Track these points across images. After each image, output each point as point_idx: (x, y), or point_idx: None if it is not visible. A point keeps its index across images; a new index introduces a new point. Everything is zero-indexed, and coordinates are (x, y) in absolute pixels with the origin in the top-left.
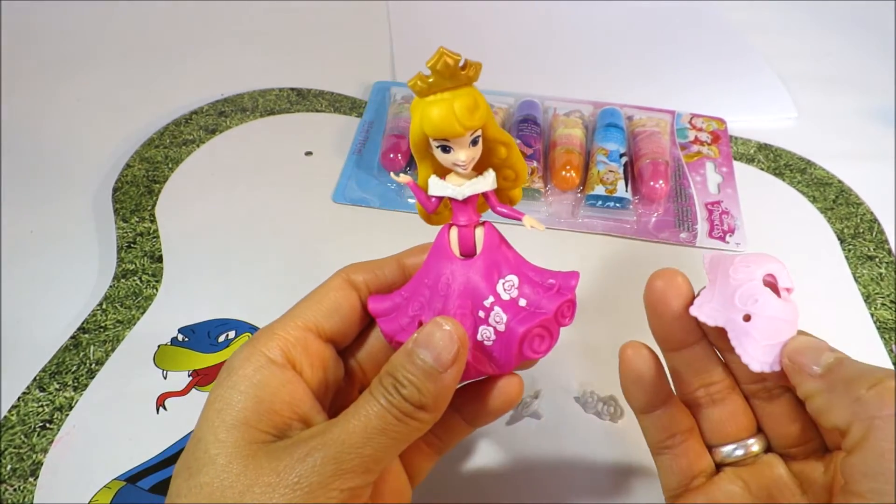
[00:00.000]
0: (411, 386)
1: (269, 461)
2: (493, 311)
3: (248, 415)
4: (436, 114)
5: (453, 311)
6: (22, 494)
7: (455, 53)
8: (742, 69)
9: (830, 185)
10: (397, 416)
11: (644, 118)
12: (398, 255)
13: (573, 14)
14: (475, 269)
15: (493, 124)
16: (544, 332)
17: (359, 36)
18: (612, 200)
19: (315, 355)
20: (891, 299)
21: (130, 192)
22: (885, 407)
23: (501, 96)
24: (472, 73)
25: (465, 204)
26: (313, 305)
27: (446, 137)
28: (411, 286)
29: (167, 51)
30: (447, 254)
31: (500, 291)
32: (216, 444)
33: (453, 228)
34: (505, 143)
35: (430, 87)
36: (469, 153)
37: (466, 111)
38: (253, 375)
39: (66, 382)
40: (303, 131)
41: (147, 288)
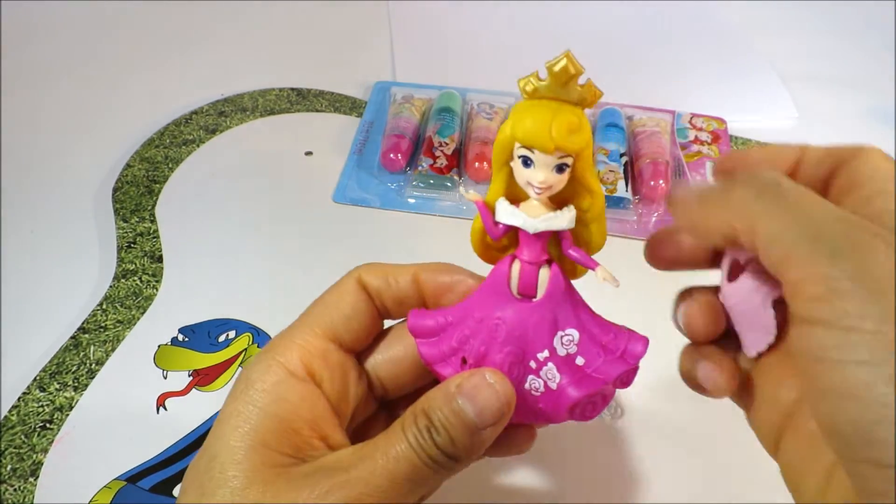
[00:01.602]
0: (446, 434)
1: (289, 490)
2: (546, 367)
3: (267, 436)
4: (532, 118)
5: (500, 358)
6: (22, 494)
7: (580, 65)
8: (742, 69)
9: None
10: (426, 462)
11: (644, 118)
12: (415, 267)
13: (573, 14)
14: (533, 315)
15: (589, 163)
16: (599, 400)
17: (359, 36)
18: (612, 200)
19: (336, 366)
20: None
21: (130, 192)
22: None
23: (501, 96)
24: (590, 96)
25: (536, 239)
26: (330, 311)
27: (532, 146)
28: (459, 312)
29: (167, 51)
30: (503, 290)
31: (556, 346)
32: (233, 465)
33: (516, 262)
34: (592, 193)
35: (539, 90)
36: (549, 177)
37: (566, 127)
38: (272, 390)
39: (67, 382)
40: (303, 131)
41: (147, 288)
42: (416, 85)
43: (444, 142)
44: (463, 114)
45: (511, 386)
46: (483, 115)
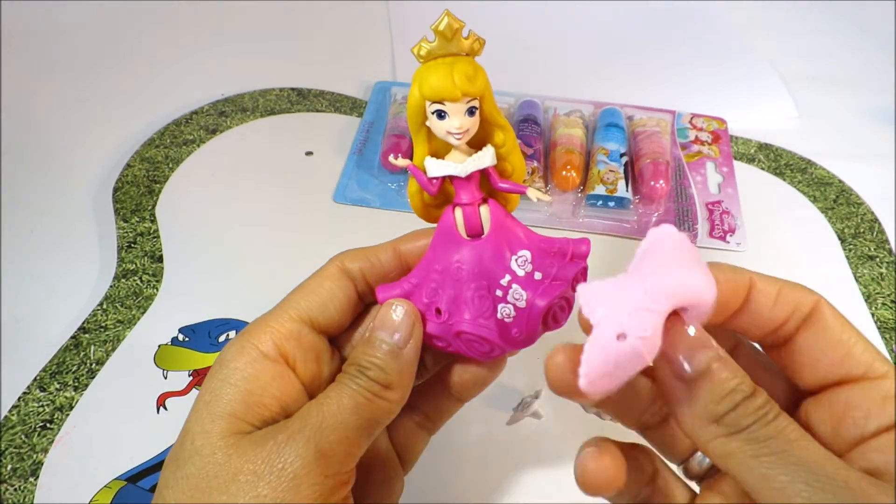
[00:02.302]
0: (375, 368)
1: (253, 447)
2: (511, 289)
3: (236, 407)
4: (434, 75)
5: (469, 294)
6: (22, 494)
7: (460, 20)
8: (742, 69)
9: (831, 185)
10: (367, 397)
11: (644, 118)
12: (393, 242)
13: (573, 14)
14: (486, 249)
15: (492, 103)
16: (564, 304)
17: (359, 36)
18: (613, 200)
19: (309, 348)
20: (891, 299)
21: (131, 192)
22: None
23: (502, 96)
24: (477, 46)
25: (468, 181)
26: (308, 296)
27: (442, 99)
28: (420, 272)
29: (168, 51)
30: (455, 236)
31: (514, 268)
32: (202, 434)
33: (457, 209)
34: (502, 127)
35: (432, 51)
36: (464, 122)
37: (464, 76)
38: (244, 368)
39: (67, 382)
40: (303, 131)
41: (147, 288)
42: None
43: None
44: None
45: (413, 304)
46: None
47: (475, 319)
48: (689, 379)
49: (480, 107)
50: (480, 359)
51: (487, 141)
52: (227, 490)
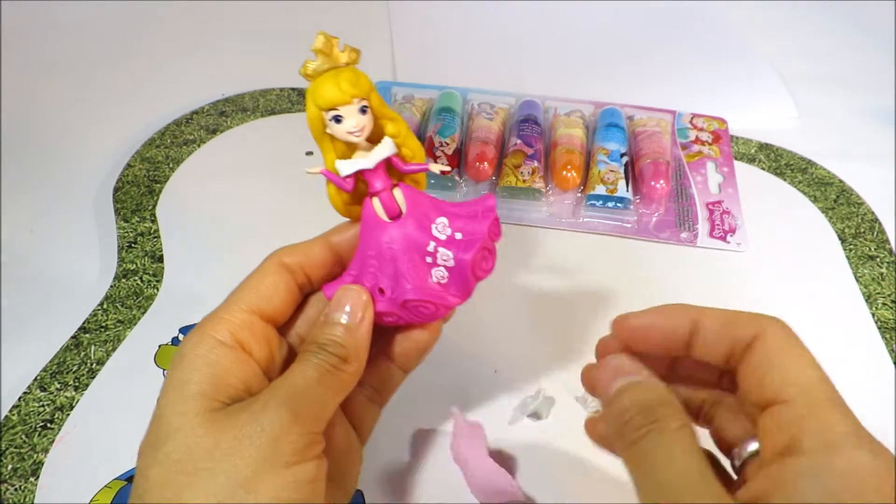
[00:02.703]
0: (334, 344)
1: (229, 419)
2: (438, 253)
3: (205, 388)
4: (323, 87)
5: (405, 267)
6: (23, 494)
7: (333, 36)
8: (743, 69)
9: (831, 185)
10: (328, 369)
11: (645, 118)
12: (325, 235)
13: (574, 14)
14: (408, 225)
15: (378, 100)
16: (486, 252)
17: (359, 36)
18: (613, 200)
19: (260, 335)
20: (892, 299)
21: (131, 191)
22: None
23: (502, 96)
24: (353, 55)
25: (376, 171)
26: (253, 290)
27: (335, 105)
28: (357, 263)
29: (168, 51)
30: (378, 222)
31: (436, 234)
32: (177, 416)
33: (374, 198)
34: (392, 119)
35: (317, 69)
36: (359, 120)
37: (349, 82)
38: (206, 355)
39: (67, 382)
40: (304, 131)
41: (148, 288)
42: (416, 85)
43: (445, 142)
44: (463, 114)
45: (364, 287)
46: (484, 116)
47: (416, 287)
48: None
49: (370, 105)
50: (429, 321)
51: (383, 134)
52: (212, 457)
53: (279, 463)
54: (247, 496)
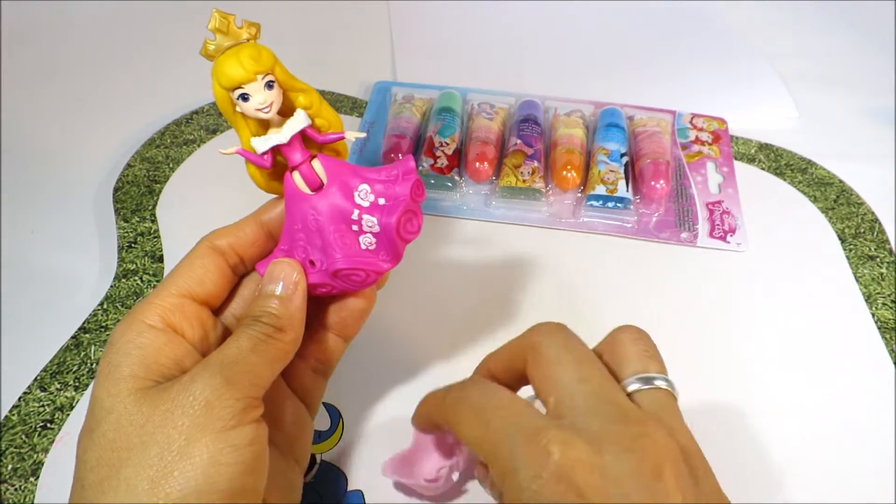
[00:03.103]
0: (268, 315)
1: (161, 394)
2: (363, 220)
3: (135, 369)
4: (225, 66)
5: (332, 237)
6: (23, 494)
7: (228, 14)
8: (743, 69)
9: (831, 185)
10: (262, 339)
11: (645, 118)
12: (255, 213)
13: (574, 14)
14: (331, 195)
15: (284, 73)
16: (411, 215)
17: (359, 36)
18: (613, 200)
19: (193, 316)
20: (892, 299)
21: (131, 191)
22: None
23: (502, 96)
24: (254, 31)
25: (292, 145)
26: (183, 274)
27: (239, 84)
28: (286, 238)
29: (168, 51)
30: (301, 195)
31: (359, 202)
32: (109, 398)
33: (294, 172)
34: (302, 90)
35: (217, 49)
36: (266, 96)
37: (250, 58)
38: (135, 339)
39: (68, 382)
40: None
41: (148, 288)
42: (416, 85)
43: (445, 142)
44: (463, 114)
45: (296, 260)
46: (484, 116)
47: (345, 256)
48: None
49: (276, 79)
50: (361, 288)
51: (296, 107)
52: (145, 431)
53: (214, 428)
54: (182, 463)
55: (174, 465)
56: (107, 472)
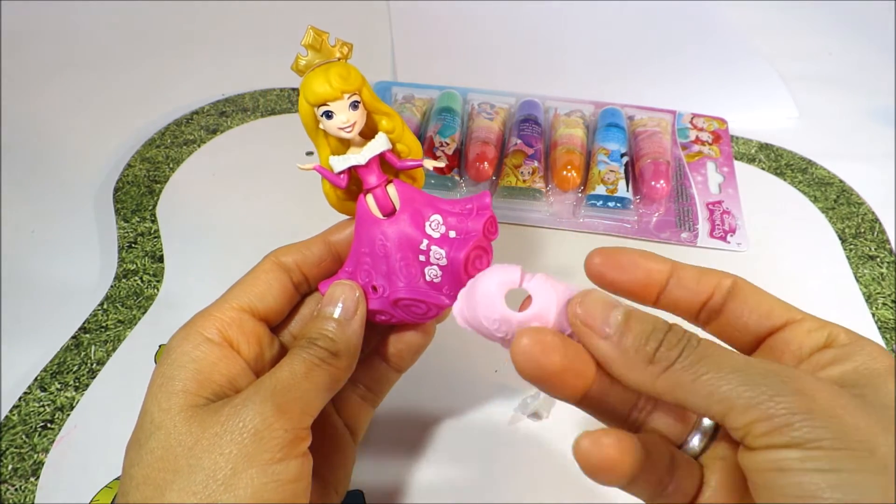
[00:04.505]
0: (324, 338)
1: (211, 415)
2: (431, 251)
3: (189, 384)
4: (314, 82)
5: (398, 265)
6: (23, 494)
7: (323, 31)
8: (743, 69)
9: (831, 185)
10: (317, 363)
11: (645, 118)
12: (323, 234)
13: (574, 14)
14: (402, 222)
15: (371, 95)
16: (481, 251)
17: (359, 36)
18: (613, 200)
19: (250, 333)
20: (892, 299)
21: (131, 192)
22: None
23: (502, 96)
24: (346, 50)
25: (370, 167)
26: (246, 288)
27: (325, 100)
28: (352, 260)
29: (168, 51)
30: (372, 219)
31: (429, 232)
32: (160, 412)
33: (368, 195)
34: (386, 114)
35: (308, 63)
36: (350, 115)
37: (339, 77)
38: (191, 352)
39: (68, 382)
40: (304, 131)
41: (148, 288)
42: (416, 85)
43: (445, 142)
44: (464, 114)
45: (358, 283)
46: (484, 115)
47: (408, 286)
48: (612, 336)
49: (362, 100)
50: (421, 321)
51: (378, 129)
52: (192, 454)
53: (261, 460)
54: (226, 495)
55: (218, 496)
56: (151, 493)
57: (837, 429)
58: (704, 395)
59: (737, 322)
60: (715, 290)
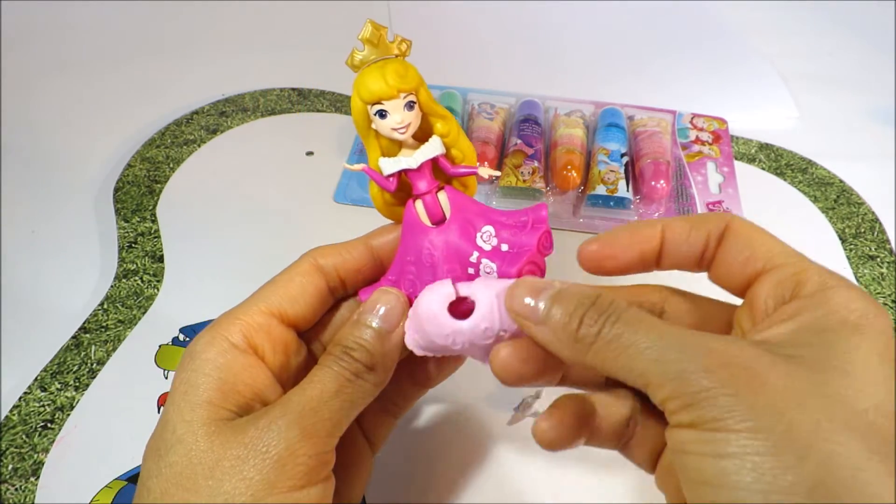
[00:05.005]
0: (361, 349)
1: (235, 434)
2: (481, 265)
3: (212, 394)
4: (369, 79)
5: (445, 276)
6: (23, 494)
7: (382, 25)
8: (743, 69)
9: (832, 185)
10: (349, 378)
11: (645, 118)
12: (365, 237)
13: (574, 14)
14: (451, 231)
15: (428, 96)
16: (534, 268)
17: None
18: (613, 200)
19: (277, 340)
20: (892, 299)
21: (132, 192)
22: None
23: (502, 96)
24: (404, 47)
25: (421, 172)
26: (279, 290)
27: (380, 99)
28: (396, 268)
29: (168, 51)
30: (420, 227)
31: (480, 244)
32: (182, 424)
33: (417, 201)
34: (442, 117)
35: (364, 59)
36: (404, 116)
37: (396, 74)
38: (215, 359)
39: (68, 382)
40: (304, 131)
41: (148, 288)
42: None
43: None
44: (464, 114)
45: (403, 293)
46: (484, 116)
47: None
48: (543, 320)
49: (418, 101)
50: None
51: (432, 132)
52: (213, 475)
53: (283, 487)
54: None
55: None
56: None
57: (746, 405)
58: (626, 370)
59: (728, 268)
60: (708, 237)
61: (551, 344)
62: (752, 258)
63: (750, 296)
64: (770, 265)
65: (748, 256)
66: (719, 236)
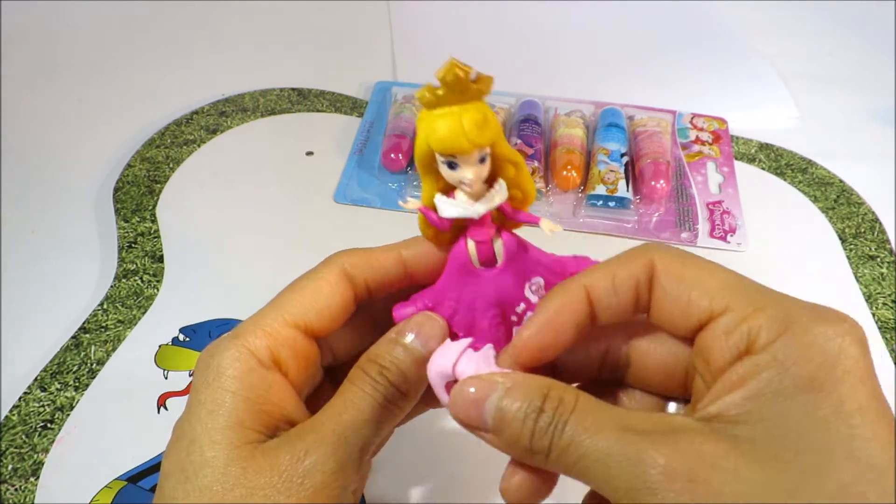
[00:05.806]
0: (397, 370)
1: (267, 458)
2: (525, 317)
3: (242, 416)
4: (443, 128)
5: (486, 323)
6: (23, 494)
7: (466, 65)
8: (743, 69)
9: (832, 185)
10: (384, 405)
11: (645, 118)
12: (397, 246)
13: (574, 14)
14: (501, 279)
15: (502, 141)
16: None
17: (360, 36)
18: (614, 200)
19: (301, 354)
20: (892, 299)
21: (131, 192)
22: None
23: (502, 96)
24: (484, 86)
25: (482, 221)
26: (305, 300)
27: (453, 154)
28: (435, 296)
29: (168, 51)
30: (468, 269)
31: (528, 296)
32: (212, 445)
33: (470, 241)
34: (514, 163)
35: (438, 100)
36: (476, 172)
37: (475, 126)
38: (243, 378)
39: (68, 382)
40: (304, 131)
41: (148, 288)
42: (416, 85)
43: None
44: None
45: (444, 320)
46: None
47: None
48: (493, 432)
49: (492, 150)
50: None
51: (498, 174)
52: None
53: None
54: None
55: None
56: None
57: None
58: (585, 480)
59: (669, 315)
60: (637, 281)
61: (505, 452)
62: (691, 303)
63: (699, 345)
64: (715, 309)
65: (686, 302)
66: (648, 278)
